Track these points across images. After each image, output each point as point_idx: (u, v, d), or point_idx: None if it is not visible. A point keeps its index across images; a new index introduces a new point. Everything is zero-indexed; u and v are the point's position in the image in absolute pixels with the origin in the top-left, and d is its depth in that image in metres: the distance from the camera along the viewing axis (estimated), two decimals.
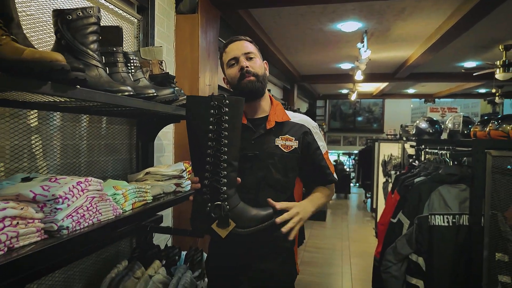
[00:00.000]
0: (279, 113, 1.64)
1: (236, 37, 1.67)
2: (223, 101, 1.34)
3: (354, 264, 4.75)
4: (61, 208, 1.10)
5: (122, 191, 1.44)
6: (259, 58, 1.65)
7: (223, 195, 1.34)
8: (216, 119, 1.34)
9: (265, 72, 1.66)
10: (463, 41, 4.61)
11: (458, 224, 2.33)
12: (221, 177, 1.34)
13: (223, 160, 1.34)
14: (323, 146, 1.69)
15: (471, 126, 3.63)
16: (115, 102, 1.24)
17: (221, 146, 1.34)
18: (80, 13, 1.30)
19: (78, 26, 1.29)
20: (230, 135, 1.35)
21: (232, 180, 1.37)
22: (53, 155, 1.59)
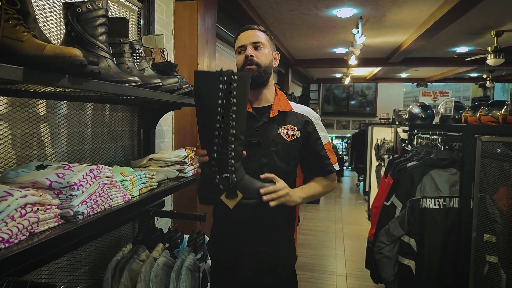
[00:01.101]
0: (283, 103, 1.70)
1: (249, 26, 1.72)
2: (232, 76, 1.38)
3: (348, 246, 4.89)
4: (76, 194, 1.16)
5: (130, 178, 1.50)
6: (269, 48, 1.70)
7: (231, 168, 1.40)
8: (225, 93, 1.38)
9: (270, 63, 1.71)
10: (455, 27, 4.67)
11: (448, 206, 2.43)
12: (229, 151, 1.39)
13: (231, 134, 1.38)
14: (324, 137, 1.75)
15: (462, 111, 3.72)
16: (124, 92, 1.29)
17: (230, 120, 1.38)
18: (89, 6, 1.34)
19: (87, 18, 1.33)
20: (238, 110, 1.39)
21: (239, 153, 1.42)
22: (60, 142, 1.64)
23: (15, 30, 0.94)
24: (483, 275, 2.23)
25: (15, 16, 0.97)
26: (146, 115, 2.27)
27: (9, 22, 0.95)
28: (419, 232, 2.42)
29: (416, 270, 2.36)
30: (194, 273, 1.91)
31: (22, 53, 0.92)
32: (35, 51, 0.92)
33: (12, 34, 0.93)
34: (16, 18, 0.97)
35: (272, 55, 1.72)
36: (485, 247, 2.25)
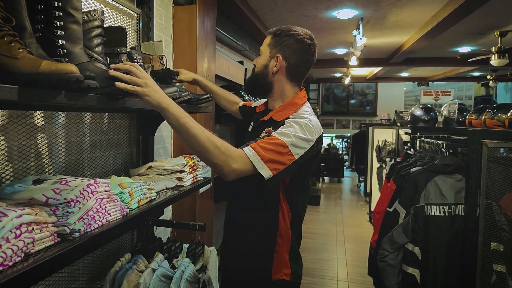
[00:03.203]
0: (283, 113, 1.58)
1: (268, 31, 1.69)
2: None
3: (349, 250, 4.85)
4: (73, 211, 1.12)
5: (128, 190, 1.46)
6: (266, 53, 1.63)
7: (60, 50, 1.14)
8: None
9: (262, 68, 1.63)
10: (458, 28, 4.62)
11: (453, 214, 2.39)
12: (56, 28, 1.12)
13: (56, 6, 1.13)
14: (281, 133, 1.42)
15: (466, 114, 3.68)
16: (123, 105, 1.25)
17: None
18: (84, 17, 1.30)
19: (83, 30, 1.29)
20: None
21: (74, 33, 1.15)
22: (58, 153, 1.60)
23: (10, 47, 0.90)
24: (490, 285, 2.20)
25: (10, 32, 0.93)
26: (145, 122, 2.23)
27: (4, 39, 0.91)
28: (424, 240, 2.39)
29: (421, 280, 2.33)
30: (194, 285, 1.87)
31: (17, 71, 0.88)
32: (30, 68, 0.88)
33: (7, 51, 0.89)
34: (12, 35, 0.93)
35: (267, 60, 1.62)
36: (492, 255, 2.21)
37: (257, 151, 1.35)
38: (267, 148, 1.37)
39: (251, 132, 1.75)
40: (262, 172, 1.34)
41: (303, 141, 1.43)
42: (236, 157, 1.33)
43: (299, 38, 1.59)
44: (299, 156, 1.42)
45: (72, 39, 1.18)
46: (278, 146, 1.38)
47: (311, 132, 1.46)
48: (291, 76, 1.64)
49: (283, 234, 1.58)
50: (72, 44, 1.17)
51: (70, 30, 1.17)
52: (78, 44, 1.19)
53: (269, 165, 1.35)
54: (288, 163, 1.39)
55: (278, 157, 1.37)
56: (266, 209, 1.59)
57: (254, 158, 1.34)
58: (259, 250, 1.62)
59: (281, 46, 1.59)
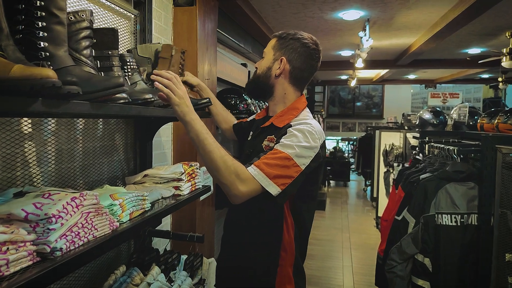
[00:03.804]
0: (284, 118, 1.53)
1: (273, 34, 1.64)
2: None
3: (355, 257, 4.73)
4: (54, 228, 1.02)
5: (120, 201, 1.37)
6: (269, 56, 1.59)
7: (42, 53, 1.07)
8: None
9: (265, 70, 1.59)
10: (468, 29, 4.50)
11: (466, 223, 2.28)
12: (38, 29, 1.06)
13: (38, 6, 1.06)
14: (285, 144, 1.35)
15: (477, 118, 3.56)
16: (109, 112, 1.16)
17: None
18: (72, 18, 1.22)
19: (69, 32, 1.21)
20: None
21: (58, 35, 1.09)
22: (47, 162, 1.52)
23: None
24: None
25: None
26: (143, 127, 2.14)
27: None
28: (434, 251, 2.28)
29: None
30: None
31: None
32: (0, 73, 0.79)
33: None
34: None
35: (270, 63, 1.57)
36: (507, 267, 2.10)
37: (262, 169, 1.30)
38: (271, 164, 1.31)
39: (251, 140, 1.67)
40: (270, 190, 1.29)
41: (307, 149, 1.37)
42: (243, 179, 1.28)
43: (305, 42, 1.55)
44: (305, 166, 1.36)
45: (55, 41, 1.09)
46: (283, 160, 1.32)
47: (314, 139, 1.40)
48: (294, 80, 1.59)
49: (287, 248, 1.48)
50: (55, 47, 1.09)
51: (53, 31, 1.09)
52: (62, 46, 1.10)
53: (276, 181, 1.30)
54: (295, 175, 1.33)
55: (284, 171, 1.31)
56: (269, 221, 1.50)
57: (260, 177, 1.29)
58: (261, 264, 1.51)
59: (286, 49, 1.55)
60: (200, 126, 1.31)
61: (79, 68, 1.12)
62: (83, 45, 1.24)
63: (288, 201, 1.46)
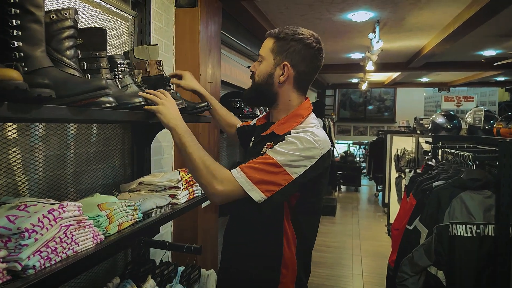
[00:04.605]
0: (286, 126, 1.40)
1: (267, 33, 1.49)
2: None
3: (366, 265, 4.59)
4: (26, 244, 0.94)
5: (107, 212, 1.28)
6: (269, 60, 1.43)
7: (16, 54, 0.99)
8: None
9: (264, 79, 1.43)
10: (483, 30, 4.34)
11: (482, 234, 2.15)
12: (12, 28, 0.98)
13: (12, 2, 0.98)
14: (276, 151, 1.26)
15: (493, 122, 3.41)
16: (92, 117, 1.07)
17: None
18: (53, 16, 1.14)
19: (51, 31, 1.13)
20: None
21: (33, 34, 1.02)
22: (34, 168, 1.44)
23: None
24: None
25: None
26: (141, 132, 2.06)
27: None
28: (449, 264, 2.15)
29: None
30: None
31: None
32: None
33: None
34: None
35: (270, 68, 1.42)
36: None
37: (246, 172, 1.23)
38: (257, 168, 1.24)
39: (252, 147, 1.56)
40: (252, 195, 1.21)
41: (302, 158, 1.26)
42: (222, 178, 1.24)
43: (308, 43, 1.40)
44: (297, 176, 1.25)
45: (31, 41, 1.01)
46: (270, 166, 1.24)
47: (312, 148, 1.28)
48: (298, 85, 1.45)
49: (288, 264, 1.37)
50: (31, 47, 1.00)
51: (29, 30, 1.00)
52: (39, 46, 1.02)
53: (260, 187, 1.22)
54: (283, 183, 1.23)
55: (270, 177, 1.23)
56: (267, 234, 1.38)
57: (242, 180, 1.22)
58: (260, 281, 1.41)
59: (287, 53, 1.40)
60: (183, 131, 1.33)
61: (57, 70, 1.04)
62: (66, 45, 1.15)
63: (287, 213, 1.36)
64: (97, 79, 1.06)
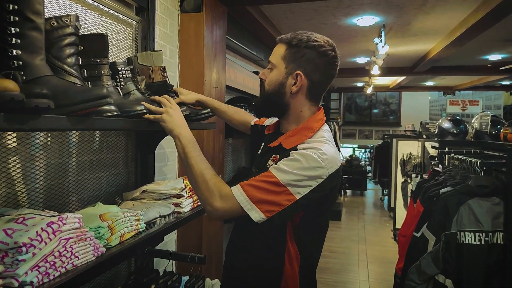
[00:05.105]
0: (294, 139, 1.31)
1: (279, 37, 1.36)
2: None
3: (372, 271, 4.54)
4: (24, 259, 0.91)
5: (109, 223, 1.25)
6: (280, 68, 1.32)
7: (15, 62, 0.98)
8: None
9: (276, 88, 1.32)
10: (489, 34, 4.30)
11: (491, 242, 2.11)
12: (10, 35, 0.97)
13: (12, 9, 0.97)
14: (280, 169, 1.18)
15: (500, 127, 3.36)
16: (92, 126, 1.04)
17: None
18: (54, 23, 1.12)
19: (52, 38, 1.11)
20: None
21: (32, 42, 1.00)
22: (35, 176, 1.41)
23: None
24: None
25: None
26: (144, 138, 2.03)
27: None
28: (457, 272, 2.11)
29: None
30: None
31: None
32: None
33: None
34: None
35: (282, 77, 1.31)
36: None
37: (246, 190, 1.17)
38: (258, 186, 1.17)
39: (259, 156, 1.49)
40: (252, 215, 1.15)
41: (307, 178, 1.18)
42: (221, 195, 1.20)
43: (323, 50, 1.30)
44: (301, 196, 1.17)
45: (30, 49, 0.98)
46: (271, 185, 1.17)
47: (318, 167, 1.19)
48: (310, 95, 1.36)
49: (289, 283, 1.29)
50: (30, 55, 0.98)
51: (28, 38, 0.98)
52: (38, 54, 1.00)
53: (260, 206, 1.15)
54: (285, 203, 1.16)
55: (271, 197, 1.16)
56: (268, 249, 1.31)
57: (242, 198, 1.16)
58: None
59: (300, 61, 1.30)
60: (187, 140, 1.30)
61: (56, 79, 1.01)
62: (67, 53, 1.13)
63: (290, 231, 1.29)
64: (98, 88, 1.04)
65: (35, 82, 0.95)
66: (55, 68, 1.09)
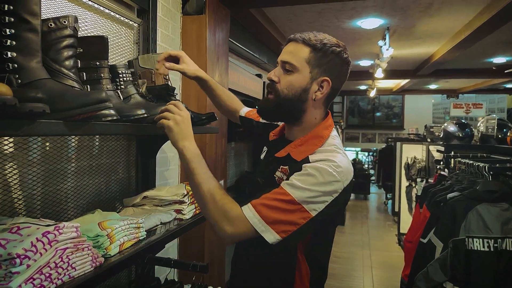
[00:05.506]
0: (304, 149, 1.21)
1: (294, 36, 1.23)
2: None
3: (376, 277, 4.48)
4: (18, 271, 0.87)
5: (108, 231, 1.21)
6: (304, 73, 1.20)
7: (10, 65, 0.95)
8: None
9: (297, 94, 1.20)
10: (494, 37, 4.26)
11: (500, 249, 2.06)
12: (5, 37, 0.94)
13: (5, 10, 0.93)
14: (293, 185, 1.10)
15: (506, 130, 3.32)
16: (91, 132, 1.00)
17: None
18: (51, 24, 1.08)
19: (49, 40, 1.07)
20: None
21: (28, 44, 0.97)
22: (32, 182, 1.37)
23: None
24: None
25: None
26: (145, 143, 1.99)
27: None
28: (465, 279, 2.05)
29: None
30: None
31: None
32: None
33: None
34: None
35: (306, 83, 1.20)
36: None
37: (259, 211, 1.08)
38: (272, 205, 1.08)
39: (264, 165, 1.36)
40: (266, 237, 1.07)
41: (322, 194, 1.10)
42: (232, 217, 1.10)
43: (345, 57, 1.23)
44: (317, 213, 1.10)
45: (26, 51, 0.95)
46: (286, 203, 1.08)
47: (334, 181, 1.11)
48: (327, 102, 1.28)
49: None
50: (26, 57, 0.94)
51: (24, 39, 0.94)
52: (34, 57, 0.96)
53: (275, 227, 1.07)
54: (301, 222, 1.09)
55: (286, 216, 1.08)
56: (277, 267, 1.24)
57: (255, 220, 1.08)
58: None
59: (327, 67, 1.21)
60: (192, 155, 1.17)
61: (53, 82, 0.97)
62: (65, 55, 1.09)
63: (300, 247, 1.22)
64: (97, 92, 1.00)
65: (31, 86, 0.92)
66: (53, 71, 1.05)
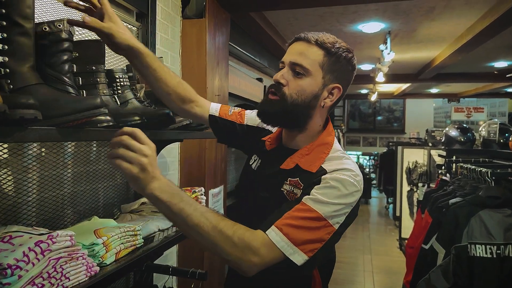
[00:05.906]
0: (313, 158, 1.13)
1: (306, 36, 1.13)
2: None
3: (378, 282, 4.44)
4: (9, 282, 0.84)
5: (104, 239, 1.18)
6: (316, 77, 1.11)
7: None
8: None
9: (307, 99, 1.11)
10: (496, 41, 4.24)
11: (503, 255, 2.02)
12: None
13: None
14: (316, 199, 1.01)
15: (508, 135, 3.29)
16: (86, 138, 0.98)
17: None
18: (46, 28, 1.06)
19: (43, 44, 1.05)
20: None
21: (22, 48, 0.93)
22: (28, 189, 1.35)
23: None
24: None
25: None
26: None
27: None
28: (468, 286, 2.02)
29: None
30: None
31: None
32: None
33: None
34: None
35: (318, 88, 1.11)
36: None
37: (286, 233, 0.98)
38: (299, 225, 0.99)
39: (266, 177, 1.20)
40: (294, 259, 0.98)
41: (345, 206, 1.04)
42: (258, 247, 0.96)
43: (354, 64, 1.18)
44: (339, 225, 1.03)
45: (18, 56, 0.93)
46: (313, 221, 1.00)
47: (356, 191, 1.06)
48: (331, 108, 1.21)
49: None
50: (18, 62, 0.92)
51: (16, 44, 0.92)
52: (27, 61, 0.94)
53: (303, 248, 0.99)
54: (326, 237, 1.02)
55: (314, 234, 1.00)
56: (293, 282, 1.16)
57: (283, 244, 0.98)
58: None
59: (338, 73, 1.14)
60: (169, 194, 0.92)
61: (46, 87, 0.95)
62: (60, 60, 1.07)
63: None
64: (91, 97, 0.98)
65: (23, 91, 0.89)
66: (47, 76, 1.03)
